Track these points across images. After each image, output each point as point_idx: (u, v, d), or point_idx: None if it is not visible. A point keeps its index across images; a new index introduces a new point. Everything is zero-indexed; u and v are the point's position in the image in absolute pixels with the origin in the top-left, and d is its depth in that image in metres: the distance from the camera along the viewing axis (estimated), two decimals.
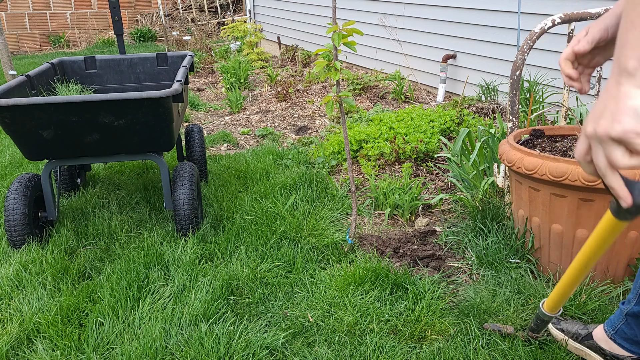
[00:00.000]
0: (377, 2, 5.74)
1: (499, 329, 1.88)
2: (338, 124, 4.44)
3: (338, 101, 2.40)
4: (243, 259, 2.41)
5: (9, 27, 9.42)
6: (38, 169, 3.63)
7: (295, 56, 7.06)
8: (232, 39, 7.52)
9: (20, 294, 2.20)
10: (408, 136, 3.52)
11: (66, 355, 1.85)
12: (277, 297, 2.16)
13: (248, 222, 2.70)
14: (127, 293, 2.14)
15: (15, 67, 6.03)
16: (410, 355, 1.82)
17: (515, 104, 2.42)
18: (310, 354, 1.84)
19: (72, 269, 2.35)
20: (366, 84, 5.42)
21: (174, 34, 8.78)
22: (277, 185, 3.14)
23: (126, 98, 2.29)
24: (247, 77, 5.93)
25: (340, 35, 2.25)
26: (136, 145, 2.52)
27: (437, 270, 2.34)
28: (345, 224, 2.75)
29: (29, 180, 2.57)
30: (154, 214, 2.90)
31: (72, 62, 3.24)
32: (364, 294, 2.13)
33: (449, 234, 2.59)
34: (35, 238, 2.55)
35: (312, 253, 2.45)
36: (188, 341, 1.89)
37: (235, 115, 5.10)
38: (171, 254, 2.43)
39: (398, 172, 3.40)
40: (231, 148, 4.20)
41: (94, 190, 3.21)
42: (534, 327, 1.77)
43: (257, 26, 7.56)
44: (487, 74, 4.47)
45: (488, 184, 2.59)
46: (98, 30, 10.10)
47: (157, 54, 3.30)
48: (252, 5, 8.87)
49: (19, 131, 2.35)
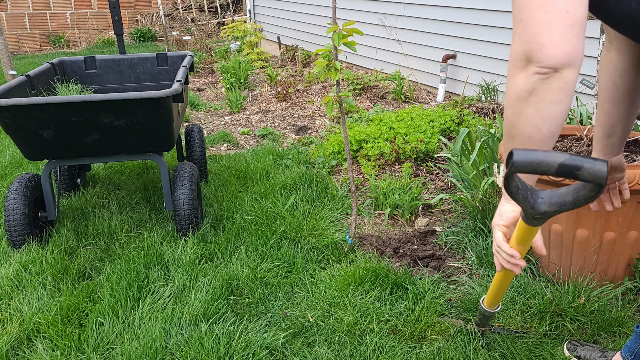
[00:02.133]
0: (377, 2, 5.74)
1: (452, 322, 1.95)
2: (338, 124, 4.44)
3: (338, 101, 2.40)
4: (243, 259, 2.41)
5: (9, 27, 9.42)
6: (38, 169, 3.63)
7: (295, 56, 7.06)
8: (232, 39, 7.52)
9: (20, 294, 2.19)
10: (408, 136, 3.52)
11: (66, 355, 1.85)
12: (277, 297, 2.16)
13: (248, 222, 2.70)
14: (127, 293, 2.14)
15: (15, 67, 6.03)
16: (410, 355, 1.82)
17: None
18: (310, 354, 1.84)
19: (72, 269, 2.35)
20: (366, 84, 5.42)
21: (174, 34, 8.78)
22: (277, 185, 3.14)
23: (126, 98, 2.29)
24: (247, 77, 5.93)
25: (340, 35, 2.25)
26: (136, 145, 2.52)
27: (437, 270, 2.34)
28: (345, 224, 2.75)
29: (29, 180, 2.57)
30: (154, 214, 2.90)
31: (72, 62, 3.24)
32: (364, 294, 2.13)
33: (449, 234, 2.59)
34: (35, 238, 2.55)
35: (312, 253, 2.45)
36: (188, 341, 1.89)
37: (235, 115, 5.10)
38: (171, 254, 2.43)
39: (398, 172, 3.40)
40: (231, 148, 4.20)
41: (94, 190, 3.21)
42: (479, 322, 1.83)
43: (257, 26, 7.56)
44: (487, 74, 4.47)
45: (488, 184, 2.59)
46: (98, 30, 10.09)
47: (157, 54, 3.30)
48: (252, 5, 8.87)
49: (19, 131, 2.35)
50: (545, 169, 0.94)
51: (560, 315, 1.97)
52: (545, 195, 1.04)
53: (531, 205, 1.04)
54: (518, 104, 1.09)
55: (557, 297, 2.02)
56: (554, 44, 1.01)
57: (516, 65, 1.07)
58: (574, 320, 1.94)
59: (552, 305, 1.98)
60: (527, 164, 0.94)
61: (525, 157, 0.94)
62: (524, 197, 1.04)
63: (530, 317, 1.97)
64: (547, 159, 0.94)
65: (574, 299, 2.00)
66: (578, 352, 1.77)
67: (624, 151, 1.96)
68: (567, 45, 1.01)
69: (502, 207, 1.29)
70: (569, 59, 1.02)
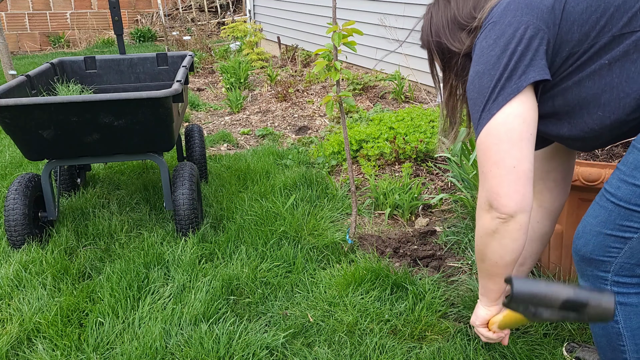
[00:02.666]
0: (377, 2, 5.74)
1: None
2: (338, 124, 4.44)
3: (338, 101, 2.40)
4: (243, 259, 2.41)
5: (9, 27, 9.42)
6: (38, 169, 3.63)
7: (295, 56, 7.06)
8: (232, 39, 7.52)
9: (20, 294, 2.20)
10: (408, 136, 3.52)
11: (66, 355, 1.85)
12: (277, 297, 2.16)
13: (248, 222, 2.70)
14: (127, 293, 2.14)
15: (15, 67, 6.03)
16: (410, 355, 1.82)
17: None
18: (310, 354, 1.84)
19: (72, 269, 2.35)
20: (366, 84, 5.42)
21: (174, 34, 8.78)
22: (277, 185, 3.14)
23: (126, 98, 2.29)
24: (247, 77, 5.93)
25: (340, 35, 2.25)
26: (136, 145, 2.52)
27: (437, 270, 2.34)
28: (345, 224, 2.75)
29: (29, 180, 2.57)
30: (154, 214, 2.90)
31: (72, 62, 3.24)
32: (364, 294, 2.13)
33: (449, 234, 2.59)
34: (35, 238, 2.55)
35: (312, 253, 2.45)
36: (188, 341, 1.89)
37: (235, 115, 5.10)
38: (171, 254, 2.43)
39: (398, 172, 3.40)
40: (231, 148, 4.20)
41: (94, 190, 3.21)
42: None
43: (257, 26, 7.56)
44: None
45: None
46: (98, 30, 10.10)
47: (157, 54, 3.30)
48: (252, 5, 8.87)
49: (19, 131, 2.35)
50: (548, 304, 0.94)
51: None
52: (547, 311, 1.04)
53: (533, 315, 1.04)
54: (486, 237, 1.35)
55: None
56: (506, 195, 1.26)
57: (482, 208, 1.33)
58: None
59: None
60: (529, 297, 0.94)
61: (527, 289, 0.94)
62: (530, 312, 1.04)
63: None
64: (550, 294, 0.93)
65: None
66: (577, 354, 1.77)
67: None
68: (516, 196, 1.26)
69: (478, 311, 1.58)
70: (520, 207, 1.27)
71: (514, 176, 1.25)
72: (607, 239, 1.27)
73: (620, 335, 1.32)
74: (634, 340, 1.31)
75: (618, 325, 1.32)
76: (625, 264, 1.27)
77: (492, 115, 1.28)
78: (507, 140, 1.26)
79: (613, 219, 1.25)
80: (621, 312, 1.31)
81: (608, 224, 1.26)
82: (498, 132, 1.26)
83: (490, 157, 1.27)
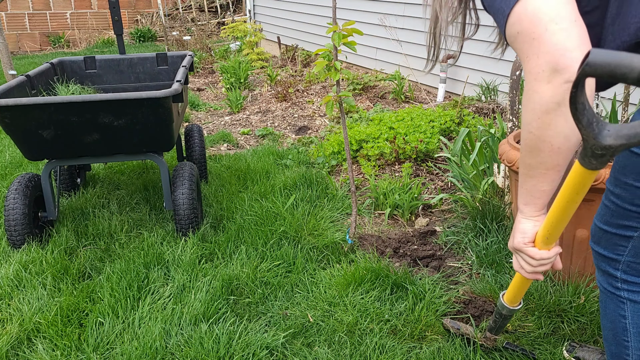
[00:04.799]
0: (377, 2, 5.74)
1: (458, 327, 1.85)
2: (338, 124, 4.44)
3: (338, 101, 2.40)
4: (243, 259, 2.41)
5: (9, 27, 9.42)
6: (38, 169, 3.63)
7: (295, 56, 7.06)
8: (232, 39, 7.52)
9: (20, 294, 2.20)
10: (408, 136, 3.52)
11: (66, 355, 1.85)
12: (277, 297, 2.16)
13: (248, 222, 2.70)
14: (127, 293, 2.14)
15: (15, 67, 6.03)
16: (410, 355, 1.82)
17: (515, 104, 2.42)
18: (310, 354, 1.84)
19: (72, 269, 2.35)
20: (366, 84, 5.42)
21: (174, 34, 8.78)
22: (277, 185, 3.14)
23: (126, 98, 2.29)
24: (247, 77, 5.93)
25: (340, 35, 2.25)
26: (136, 145, 2.52)
27: (437, 270, 2.34)
28: (345, 224, 2.75)
29: (29, 180, 2.57)
30: (154, 214, 2.90)
31: (72, 62, 3.24)
32: (364, 294, 2.13)
33: (449, 234, 2.59)
34: (35, 238, 2.55)
35: (312, 253, 2.45)
36: (188, 341, 1.89)
37: (235, 115, 5.10)
38: (171, 254, 2.43)
39: (398, 172, 3.40)
40: (231, 148, 4.20)
41: (94, 190, 3.21)
42: (493, 325, 1.69)
43: (257, 26, 7.56)
44: (487, 74, 4.47)
45: (488, 184, 2.59)
46: (98, 30, 10.09)
47: (157, 54, 3.30)
48: (252, 5, 8.87)
49: (19, 131, 2.35)
50: (624, 73, 0.80)
51: (560, 316, 1.97)
52: (613, 127, 0.88)
53: (595, 135, 0.88)
54: (546, 116, 1.08)
55: (557, 297, 2.02)
56: (577, 47, 1.01)
57: (539, 79, 1.07)
58: (573, 320, 1.94)
59: (553, 305, 1.98)
60: (605, 65, 0.80)
61: (604, 58, 0.79)
62: (589, 121, 0.87)
63: (529, 316, 1.97)
64: (630, 61, 0.78)
65: (573, 300, 2.01)
66: (577, 353, 1.77)
67: None
68: (589, 48, 1.01)
69: (521, 226, 1.26)
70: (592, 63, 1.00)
71: (581, 28, 1.03)
72: (613, 237, 1.29)
73: (626, 331, 1.33)
74: (639, 338, 1.32)
75: (625, 320, 1.33)
76: (632, 263, 1.28)
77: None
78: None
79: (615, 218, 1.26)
80: (630, 309, 1.32)
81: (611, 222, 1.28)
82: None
83: (541, 17, 1.05)
